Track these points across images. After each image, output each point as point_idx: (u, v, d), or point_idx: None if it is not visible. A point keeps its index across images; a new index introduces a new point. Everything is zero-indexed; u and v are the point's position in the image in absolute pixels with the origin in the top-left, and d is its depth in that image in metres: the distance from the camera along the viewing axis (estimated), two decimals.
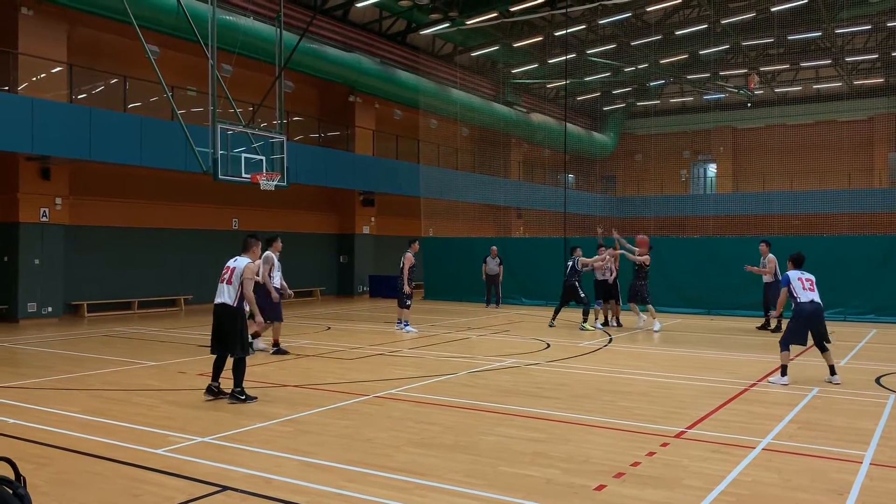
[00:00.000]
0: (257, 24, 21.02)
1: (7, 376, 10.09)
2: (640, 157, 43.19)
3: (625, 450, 6.43)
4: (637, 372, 10.57)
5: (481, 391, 9.13)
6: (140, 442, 6.63)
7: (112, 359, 11.66)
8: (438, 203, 28.00)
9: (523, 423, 7.43)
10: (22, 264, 17.60)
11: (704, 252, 20.36)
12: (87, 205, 19.36)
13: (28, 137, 16.13)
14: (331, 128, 27.21)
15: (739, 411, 8.08)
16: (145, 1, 18.16)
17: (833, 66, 36.34)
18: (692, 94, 41.73)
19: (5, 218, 17.83)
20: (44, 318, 17.86)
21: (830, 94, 36.23)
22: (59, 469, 5.88)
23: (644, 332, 15.61)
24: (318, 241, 26.74)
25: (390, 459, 6.13)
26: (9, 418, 7.54)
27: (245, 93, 19.76)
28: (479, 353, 12.54)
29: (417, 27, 28.45)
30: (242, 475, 5.68)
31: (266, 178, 15.52)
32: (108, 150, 17.52)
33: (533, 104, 38.40)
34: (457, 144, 31.86)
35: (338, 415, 7.84)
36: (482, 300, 23.02)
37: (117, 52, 19.80)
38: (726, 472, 5.81)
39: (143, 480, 5.58)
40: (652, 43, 32.77)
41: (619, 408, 8.16)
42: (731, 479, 5.63)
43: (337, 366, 11.21)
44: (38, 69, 17.93)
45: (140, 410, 8.02)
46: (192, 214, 22.02)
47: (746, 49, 34.76)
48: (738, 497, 5.25)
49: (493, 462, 6.05)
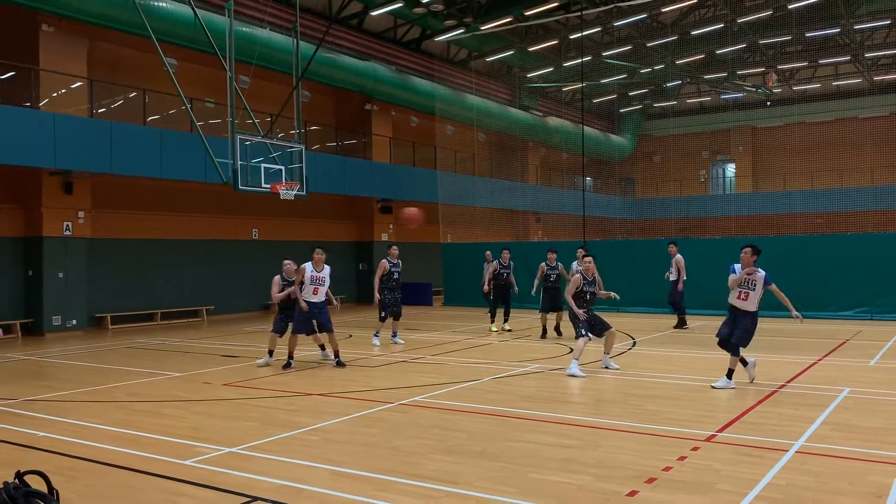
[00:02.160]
0: (274, 36, 21.15)
1: (35, 389, 10.18)
2: (659, 159, 42.95)
3: (656, 454, 6.36)
4: (664, 375, 10.47)
5: (506, 397, 9.08)
6: (169, 453, 6.65)
7: (137, 370, 11.73)
8: (456, 209, 27.98)
9: (551, 429, 7.37)
10: (46, 278, 17.79)
11: (726, 253, 20.11)
12: (109, 218, 19.54)
13: (50, 152, 16.33)
14: (348, 136, 27.30)
15: (769, 413, 7.97)
16: (163, 15, 18.36)
17: (853, 63, 35.97)
18: (710, 94, 41.46)
19: (30, 232, 18.04)
20: (68, 330, 18.03)
21: (850, 91, 35.86)
22: (90, 482, 5.90)
23: (667, 335, 15.47)
24: (337, 249, 26.79)
25: (419, 467, 6.09)
26: (39, 431, 7.60)
27: (263, 103, 19.87)
28: (502, 358, 12.48)
29: (432, 34, 28.51)
30: (272, 485, 5.67)
31: (285, 187, 15.60)
32: (129, 163, 17.69)
33: (549, 108, 38.32)
34: (474, 150, 31.85)
35: (364, 423, 7.82)
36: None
37: (136, 66, 19.99)
38: (760, 475, 5.72)
39: (175, 492, 5.59)
40: (668, 43, 32.60)
41: (648, 412, 8.08)
42: (766, 483, 5.53)
43: (360, 374, 11.20)
44: (59, 85, 18.15)
45: (167, 421, 8.05)
46: (213, 225, 22.16)
47: (764, 47, 34.50)
48: (774, 501, 5.17)
49: (523, 469, 6.00)
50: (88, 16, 17.68)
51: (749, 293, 9.52)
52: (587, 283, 11.08)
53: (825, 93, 38.07)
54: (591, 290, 11.11)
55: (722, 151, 43.38)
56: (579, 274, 11.24)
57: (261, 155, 15.56)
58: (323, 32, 20.74)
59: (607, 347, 11.13)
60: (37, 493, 4.26)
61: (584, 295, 11.04)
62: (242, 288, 22.44)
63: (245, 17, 21.16)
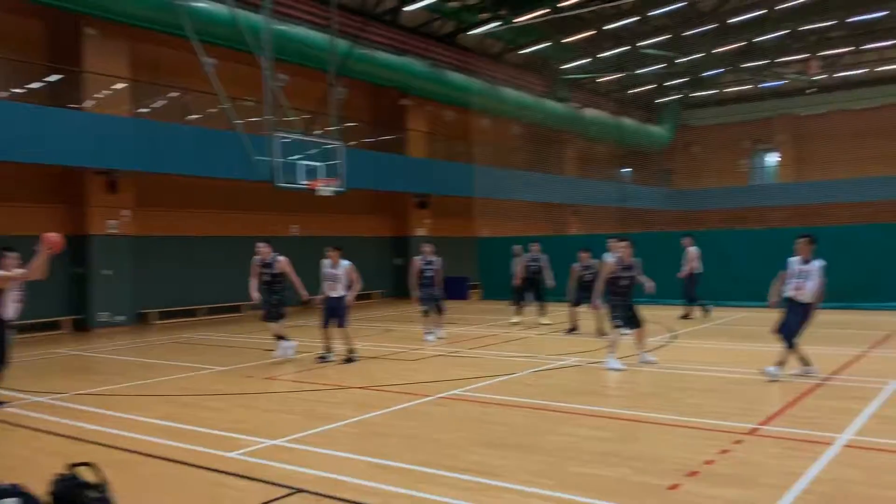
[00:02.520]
0: (310, 33, 21.33)
1: (85, 383, 10.46)
2: (699, 149, 42.31)
3: (697, 448, 6.30)
4: (704, 367, 10.35)
5: (545, 390, 9.07)
6: (213, 446, 6.79)
7: (182, 364, 11.97)
8: (493, 203, 27.92)
9: (590, 422, 7.35)
10: (93, 275, 18.23)
11: (768, 244, 19.79)
12: (152, 215, 19.95)
13: (95, 152, 16.74)
14: (384, 131, 27.41)
15: (815, 406, 7.84)
16: (202, 15, 18.62)
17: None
18: (750, 83, 40.65)
19: (77, 231, 18.49)
20: (115, 326, 18.46)
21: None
22: (139, 473, 6.06)
23: (708, 328, 15.28)
24: (374, 244, 26.98)
25: (458, 460, 6.13)
26: (89, 424, 7.81)
27: (300, 101, 20.07)
28: (540, 351, 12.46)
29: (467, 27, 28.44)
30: (314, 477, 5.76)
31: (323, 184, 15.76)
32: (171, 161, 18.04)
33: (585, 99, 37.99)
34: (509, 143, 31.74)
35: (403, 416, 7.88)
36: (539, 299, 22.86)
37: (176, 66, 20.34)
38: (805, 469, 5.63)
39: (220, 484, 5.71)
40: (706, 32, 32.06)
41: (689, 405, 8.00)
42: (812, 477, 5.45)
43: (399, 367, 11.29)
44: (103, 86, 18.55)
45: (211, 415, 8.22)
46: (253, 222, 22.47)
47: (805, 33, 33.71)
48: (821, 496, 5.09)
49: (562, 462, 6.00)
50: (129, 18, 18.03)
51: (803, 283, 9.31)
52: (623, 268, 10.61)
53: (869, 78, 37.10)
54: (628, 275, 10.62)
55: (763, 140, 42.55)
56: (615, 259, 10.75)
57: (299, 152, 15.74)
58: (358, 29, 20.85)
59: (639, 344, 10.85)
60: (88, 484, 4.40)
61: (618, 281, 10.57)
62: None
63: (282, 15, 21.37)
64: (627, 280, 10.61)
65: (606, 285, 10.70)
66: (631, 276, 10.67)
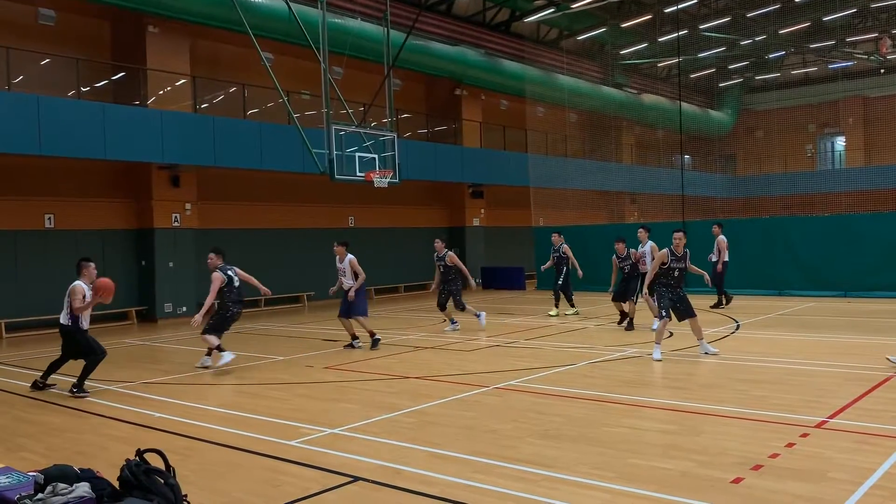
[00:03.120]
0: (365, 25, 21.45)
1: (151, 373, 10.78)
2: (762, 134, 41.07)
3: (762, 441, 6.13)
4: (770, 359, 10.07)
5: (604, 382, 8.96)
6: (275, 434, 6.92)
7: (243, 354, 12.22)
8: (548, 192, 27.68)
9: (651, 415, 7.22)
10: (158, 267, 18.78)
11: (836, 231, 19.15)
12: (214, 209, 20.41)
13: (159, 148, 17.20)
14: (438, 122, 27.43)
15: (886, 399, 7.53)
16: (259, 10, 18.92)
17: None
18: (816, 64, 39.25)
19: (142, 224, 19.06)
20: (179, 317, 18.97)
21: None
22: (203, 460, 6.22)
23: (773, 318, 14.87)
24: (430, 234, 26.98)
25: (516, 451, 6.10)
26: (155, 412, 8.05)
27: (355, 93, 20.21)
28: (598, 343, 12.31)
29: (521, 15, 28.20)
30: (372, 465, 5.81)
31: (379, 175, 15.84)
32: (231, 155, 18.43)
33: (644, 85, 37.27)
34: (565, 131, 31.39)
35: (460, 406, 7.89)
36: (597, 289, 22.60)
37: (235, 62, 20.74)
38: (876, 464, 5.42)
39: (281, 471, 5.82)
40: (770, 13, 31.04)
41: (753, 397, 7.79)
42: (883, 473, 5.24)
43: (456, 357, 11.30)
44: (165, 83, 19.03)
45: (273, 403, 8.37)
46: (311, 214, 22.79)
47: (876, 11, 32.33)
48: (893, 492, 4.89)
49: (623, 454, 5.91)
50: (190, 15, 18.44)
51: None
52: (674, 259, 10.45)
53: None
54: (679, 266, 10.47)
55: (830, 124, 41.04)
56: (667, 249, 10.56)
57: (355, 144, 15.84)
58: (413, 20, 20.82)
59: (697, 334, 10.62)
60: (156, 470, 4.51)
61: (672, 272, 10.43)
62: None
63: (337, 8, 21.55)
64: (678, 271, 10.49)
65: (656, 276, 10.58)
66: (682, 266, 10.51)
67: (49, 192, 17.59)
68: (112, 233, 18.76)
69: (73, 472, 4.46)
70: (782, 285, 19.60)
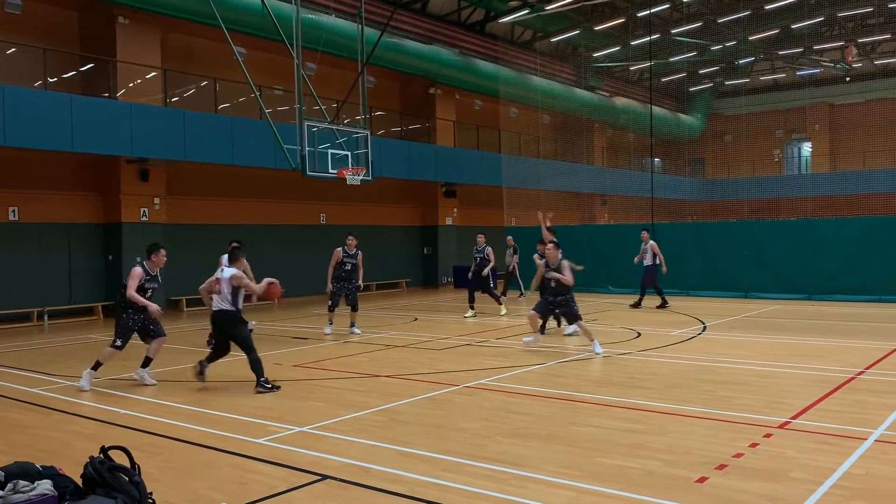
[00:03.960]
0: (339, 22, 21.36)
1: (117, 369, 10.63)
2: (731, 138, 41.68)
3: (726, 441, 6.23)
4: (735, 360, 10.23)
5: (572, 381, 9.03)
6: (242, 431, 6.86)
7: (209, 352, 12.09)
8: (521, 192, 27.81)
9: (618, 414, 7.30)
10: (125, 262, 18.50)
11: (801, 235, 19.52)
12: (183, 204, 20.18)
13: (128, 141, 16.95)
14: (412, 121, 27.42)
15: (847, 401, 7.70)
16: (232, 4, 18.74)
17: None
18: (784, 71, 39.89)
19: (109, 219, 18.79)
20: None
21: None
22: (169, 458, 6.15)
23: (738, 319, 15.11)
24: (402, 233, 27.05)
25: (485, 449, 6.12)
26: (120, 409, 7.95)
27: (329, 90, 20.13)
28: (568, 342, 12.40)
29: (496, 15, 28.29)
30: (341, 464, 5.80)
31: (352, 172, 15.79)
32: (201, 150, 18.22)
33: (616, 88, 37.61)
34: (538, 132, 31.56)
35: (430, 405, 7.90)
36: None
37: (207, 56, 20.51)
38: (836, 464, 5.54)
39: (248, 469, 5.77)
40: (740, 19, 31.51)
41: (718, 398, 7.91)
42: (843, 472, 5.35)
43: (426, 356, 11.31)
44: (135, 75, 18.78)
45: (240, 401, 8.31)
46: (282, 211, 22.64)
47: (843, 20, 32.99)
48: (853, 491, 5.00)
49: (590, 453, 5.96)
50: (161, 7, 18.22)
51: None
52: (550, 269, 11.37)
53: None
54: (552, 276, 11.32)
55: (797, 130, 41.78)
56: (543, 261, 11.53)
57: (328, 141, 15.79)
58: (387, 17, 20.80)
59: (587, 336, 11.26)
60: (120, 467, 4.46)
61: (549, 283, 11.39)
62: (311, 271, 22.86)
63: (311, 3, 21.42)
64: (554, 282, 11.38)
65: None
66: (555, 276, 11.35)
67: (13, 184, 17.25)
68: (78, 227, 18.46)
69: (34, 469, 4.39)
70: (748, 288, 19.92)
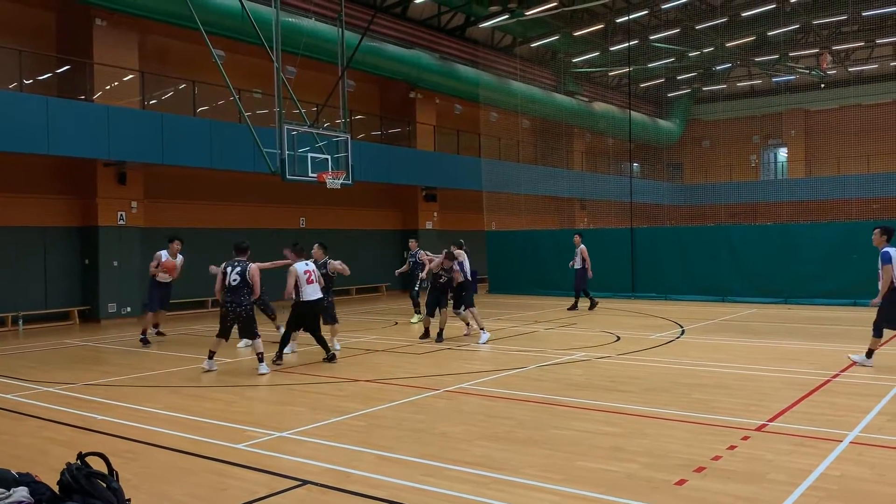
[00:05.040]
0: (319, 25, 21.31)
1: (93, 374, 10.52)
2: (708, 143, 42.13)
3: (705, 443, 6.29)
4: (713, 364, 10.32)
5: (552, 385, 9.06)
6: (222, 437, 6.82)
7: (190, 356, 12.02)
8: (501, 196, 27.91)
9: (598, 417, 7.34)
10: (102, 266, 18.31)
11: (778, 239, 19.75)
12: (161, 207, 20.00)
13: (105, 144, 16.78)
14: (392, 125, 27.41)
15: (823, 403, 7.80)
16: (211, 7, 18.65)
17: None
18: (761, 77, 40.41)
19: (86, 222, 18.57)
20: (123, 317, 18.54)
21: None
22: (147, 464, 6.09)
23: (716, 323, 15.25)
24: (382, 237, 27.00)
25: (465, 454, 6.13)
26: (98, 415, 7.85)
27: (309, 93, 20.06)
28: (548, 346, 12.45)
29: (476, 20, 28.38)
30: (321, 469, 5.77)
31: (332, 176, 15.75)
32: (180, 153, 18.08)
33: (595, 93, 37.86)
34: (518, 137, 31.69)
35: (411, 409, 7.89)
36: (547, 293, 22.90)
37: (185, 58, 20.37)
38: (813, 466, 5.61)
39: (227, 475, 5.74)
40: (717, 26, 31.88)
41: (697, 401, 7.98)
42: (819, 474, 5.43)
43: (406, 360, 11.30)
44: (112, 77, 18.59)
45: (219, 406, 8.25)
46: (261, 214, 22.51)
47: (818, 28, 33.49)
48: (828, 492, 5.07)
49: (570, 456, 5.99)
50: (139, 9, 18.06)
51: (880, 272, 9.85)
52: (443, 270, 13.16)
53: (882, 74, 36.79)
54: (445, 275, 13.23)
55: (773, 135, 42.33)
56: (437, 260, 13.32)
57: (307, 144, 15.74)
58: (368, 21, 20.81)
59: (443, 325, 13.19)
60: (98, 473, 4.41)
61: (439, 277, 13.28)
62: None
63: (291, 7, 21.37)
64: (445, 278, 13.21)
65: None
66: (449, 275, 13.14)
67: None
68: (54, 230, 18.23)
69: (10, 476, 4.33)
70: (726, 292, 20.12)
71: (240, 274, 10.40)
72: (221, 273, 10.54)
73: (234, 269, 10.43)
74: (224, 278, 10.46)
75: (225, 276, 10.45)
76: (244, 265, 10.46)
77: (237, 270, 10.42)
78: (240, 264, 10.48)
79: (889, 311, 9.66)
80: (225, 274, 10.47)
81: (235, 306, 10.41)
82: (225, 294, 10.50)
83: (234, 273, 10.41)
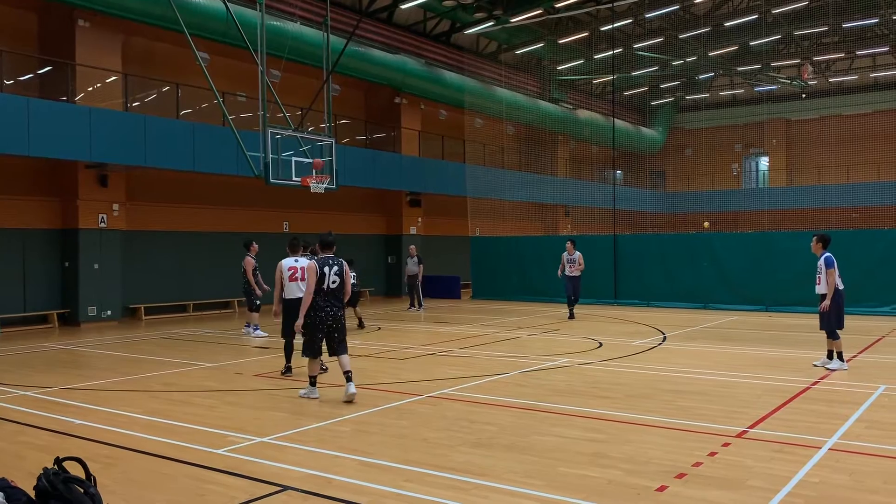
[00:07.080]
0: (304, 29, 21.28)
1: (72, 378, 10.40)
2: (691, 152, 42.46)
3: (686, 450, 6.32)
4: (694, 371, 10.38)
5: (535, 391, 9.07)
6: (202, 442, 6.76)
7: (171, 360, 11.92)
8: (485, 202, 27.96)
9: (580, 424, 7.35)
10: (82, 269, 18.12)
11: (759, 247, 19.93)
12: (143, 210, 19.85)
13: (86, 146, 16.63)
14: (377, 130, 27.39)
15: (802, 410, 7.87)
16: (196, 9, 18.56)
17: (891, 54, 35.19)
18: (743, 87, 40.79)
19: (66, 224, 18.39)
20: (103, 321, 18.36)
21: (889, 83, 35.04)
22: (126, 469, 6.02)
23: (698, 330, 15.35)
24: (367, 242, 26.95)
25: (448, 459, 6.12)
26: (76, 419, 7.76)
27: (293, 97, 20.01)
28: (531, 352, 12.47)
29: (462, 27, 28.45)
30: (302, 475, 5.74)
31: (316, 181, 15.72)
32: (163, 156, 17.95)
33: (579, 100, 38.05)
34: (503, 143, 31.79)
35: (394, 415, 7.87)
36: (531, 299, 22.96)
37: (169, 61, 20.25)
38: (792, 472, 5.65)
39: (207, 480, 5.68)
40: (700, 35, 32.18)
41: (678, 407, 8.02)
42: (798, 480, 5.47)
43: (390, 366, 11.27)
44: (95, 79, 18.45)
45: (200, 411, 8.18)
46: (244, 218, 22.39)
47: (799, 38, 33.89)
48: (807, 499, 5.11)
49: (552, 462, 6.00)
50: (123, 11, 17.94)
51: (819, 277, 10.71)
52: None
53: (862, 84, 37.30)
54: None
55: (755, 145, 42.73)
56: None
57: (291, 148, 15.71)
58: (353, 26, 20.80)
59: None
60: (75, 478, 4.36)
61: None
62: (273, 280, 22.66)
63: (276, 10, 21.31)
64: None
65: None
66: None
67: None
68: (34, 232, 18.03)
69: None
70: (707, 299, 20.27)
71: (338, 274, 8.71)
72: (316, 274, 8.60)
73: (332, 269, 8.67)
74: (322, 280, 8.61)
75: (323, 278, 8.61)
76: (341, 263, 8.79)
77: (335, 270, 8.69)
78: (336, 262, 8.74)
79: (839, 312, 10.43)
80: (323, 275, 8.62)
81: (337, 311, 8.75)
82: (320, 299, 8.66)
83: (333, 273, 8.67)
